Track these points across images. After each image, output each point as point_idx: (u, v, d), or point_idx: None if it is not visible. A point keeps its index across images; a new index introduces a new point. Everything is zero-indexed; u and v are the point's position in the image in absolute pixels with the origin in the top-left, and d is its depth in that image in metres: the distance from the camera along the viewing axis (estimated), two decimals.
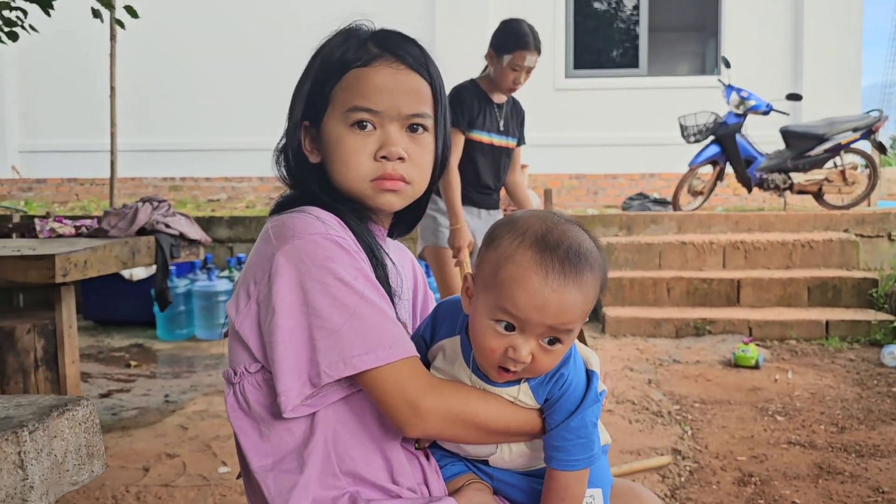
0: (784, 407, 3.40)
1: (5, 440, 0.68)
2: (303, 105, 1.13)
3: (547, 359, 0.98)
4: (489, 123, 3.24)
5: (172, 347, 4.98)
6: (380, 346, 0.97)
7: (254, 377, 1.04)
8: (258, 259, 1.04)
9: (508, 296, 0.95)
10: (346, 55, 1.09)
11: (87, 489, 2.53)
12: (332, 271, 0.98)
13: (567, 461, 1.01)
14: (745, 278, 5.11)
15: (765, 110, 6.37)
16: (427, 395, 0.99)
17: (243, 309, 1.03)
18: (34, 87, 8.90)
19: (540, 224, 0.98)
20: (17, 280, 2.65)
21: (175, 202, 7.94)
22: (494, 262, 0.98)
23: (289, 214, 1.05)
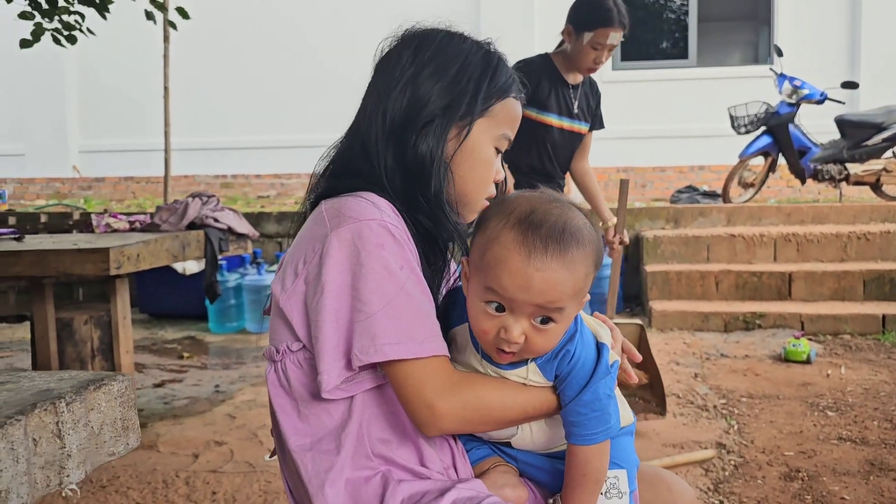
0: (835, 402, 3.32)
1: (45, 410, 0.73)
2: (468, 102, 1.13)
3: (541, 339, 0.98)
4: (560, 105, 2.92)
5: (223, 340, 5.11)
6: (411, 339, 0.98)
7: (295, 356, 1.05)
8: (309, 239, 1.05)
9: (494, 277, 0.96)
10: (508, 85, 1.16)
11: (140, 473, 2.63)
12: (380, 258, 0.99)
13: (584, 435, 1.02)
14: (797, 271, 4.99)
15: (819, 99, 6.19)
16: (443, 396, 0.99)
17: (290, 287, 1.05)
18: (93, 90, 9.21)
19: (526, 204, 0.99)
20: (75, 272, 2.76)
21: (226, 199, 8.14)
22: (482, 244, 0.99)
23: (344, 198, 1.06)
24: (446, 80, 1.11)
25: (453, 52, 1.14)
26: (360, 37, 8.79)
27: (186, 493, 2.47)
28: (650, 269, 5.21)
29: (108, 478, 2.59)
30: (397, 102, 1.11)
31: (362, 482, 1.04)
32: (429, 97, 1.11)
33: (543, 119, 2.88)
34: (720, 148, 7.47)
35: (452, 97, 1.11)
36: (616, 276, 3.29)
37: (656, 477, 1.20)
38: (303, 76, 8.67)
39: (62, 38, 4.26)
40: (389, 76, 1.13)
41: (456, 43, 1.15)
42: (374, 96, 1.15)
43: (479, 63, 1.14)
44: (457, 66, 1.12)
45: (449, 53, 1.13)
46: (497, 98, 1.13)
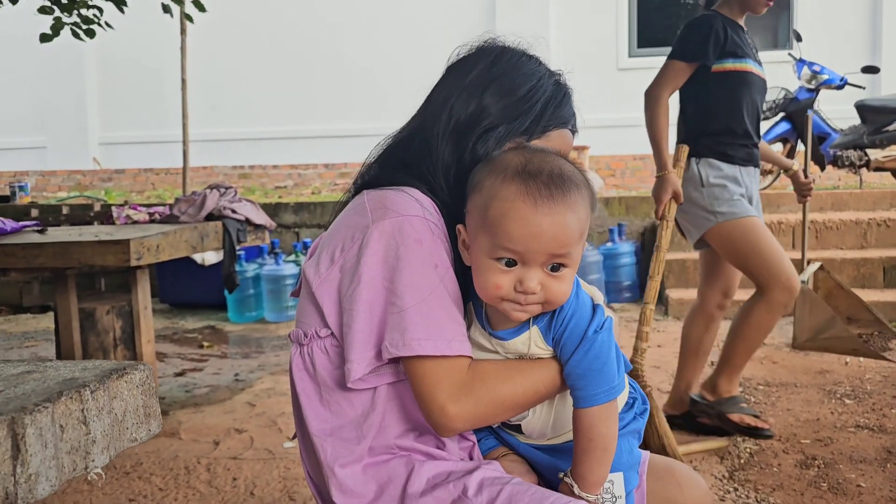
0: (854, 390, 3.30)
1: (70, 398, 0.76)
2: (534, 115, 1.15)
3: (558, 285, 0.98)
4: (748, 50, 2.67)
5: (242, 329, 5.18)
6: (440, 336, 0.99)
7: (323, 342, 1.07)
8: (349, 227, 1.06)
9: (504, 231, 0.96)
10: (567, 115, 1.18)
11: (163, 459, 2.69)
12: (418, 254, 1.01)
13: (586, 397, 1.02)
14: (816, 259, 4.94)
15: (839, 84, 6.11)
16: (456, 398, 1.00)
17: (324, 272, 1.06)
18: (112, 82, 9.31)
19: (518, 157, 1.00)
20: (96, 263, 2.81)
21: (244, 189, 8.20)
22: (482, 204, 0.99)
23: (387, 191, 1.07)
24: (516, 96, 1.14)
25: (527, 72, 1.17)
26: (378, 28, 8.81)
27: (208, 479, 2.52)
28: (667, 257, 5.18)
29: (131, 464, 2.65)
30: (465, 106, 1.13)
31: (383, 465, 1.07)
32: (496, 107, 1.13)
33: (744, 67, 2.64)
34: None
35: (519, 112, 1.13)
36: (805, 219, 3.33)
37: (666, 470, 1.20)
38: (320, 67, 8.70)
39: (81, 32, 4.31)
40: (461, 80, 1.16)
41: (532, 65, 1.18)
42: (442, 96, 1.16)
43: (549, 89, 1.17)
44: (528, 86, 1.15)
45: (523, 72, 1.16)
46: (556, 125, 1.16)
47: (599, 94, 8.22)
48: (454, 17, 8.25)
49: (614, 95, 8.19)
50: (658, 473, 1.18)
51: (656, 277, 2.63)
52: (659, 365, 3.77)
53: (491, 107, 1.12)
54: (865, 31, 7.85)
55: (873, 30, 7.81)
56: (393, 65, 8.33)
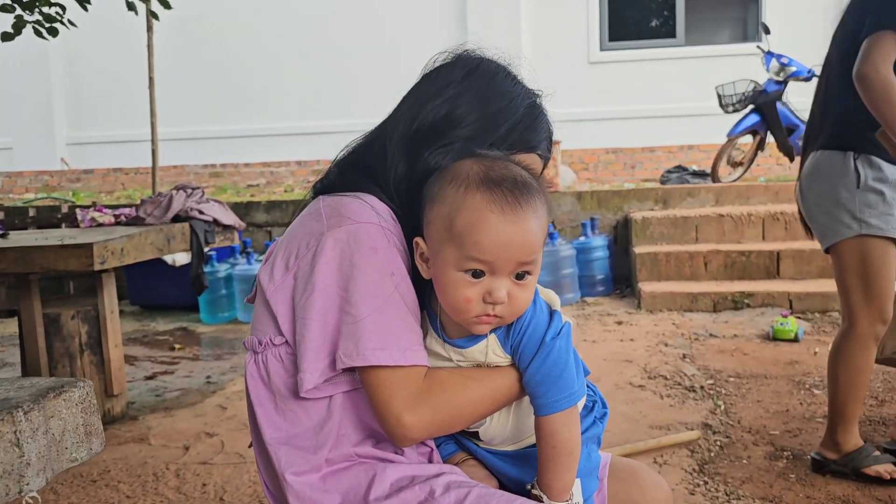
0: (822, 380, 3.34)
1: (1, 420, 0.74)
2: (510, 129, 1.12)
3: (523, 293, 0.98)
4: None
5: (214, 330, 5.12)
6: (395, 346, 0.98)
7: (277, 350, 1.05)
8: (304, 234, 1.05)
9: (472, 242, 0.94)
10: (539, 139, 1.15)
11: (131, 466, 2.65)
12: (372, 262, 0.99)
13: (546, 404, 1.01)
14: (785, 250, 5.01)
15: (807, 76, 6.18)
16: (412, 408, 0.98)
17: (278, 279, 1.04)
18: (79, 81, 9.15)
19: (477, 165, 0.99)
20: (59, 268, 2.76)
21: (216, 188, 8.11)
22: (446, 215, 0.97)
23: (343, 197, 1.06)
24: (485, 113, 1.10)
25: (502, 90, 1.13)
26: (349, 25, 8.74)
27: (177, 485, 2.49)
28: (639, 251, 5.22)
29: (98, 472, 2.61)
30: (430, 114, 1.10)
31: (343, 472, 1.05)
32: (461, 121, 1.09)
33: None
34: (710, 127, 7.48)
35: (484, 130, 1.10)
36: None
37: (628, 472, 1.20)
38: (291, 64, 8.62)
39: (43, 31, 4.23)
40: (432, 87, 1.13)
41: (507, 83, 1.14)
42: (410, 101, 1.14)
43: (522, 111, 1.13)
44: (500, 105, 1.11)
45: (497, 89, 1.13)
46: (522, 150, 1.12)
47: (571, 87, 8.24)
48: (424, 13, 8.21)
49: (586, 89, 8.23)
50: (620, 475, 1.18)
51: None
52: (631, 359, 3.79)
53: (456, 119, 1.09)
54: (832, 23, 7.91)
55: None
56: (365, 61, 8.28)
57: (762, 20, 7.78)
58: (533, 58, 7.89)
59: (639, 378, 3.46)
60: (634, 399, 3.17)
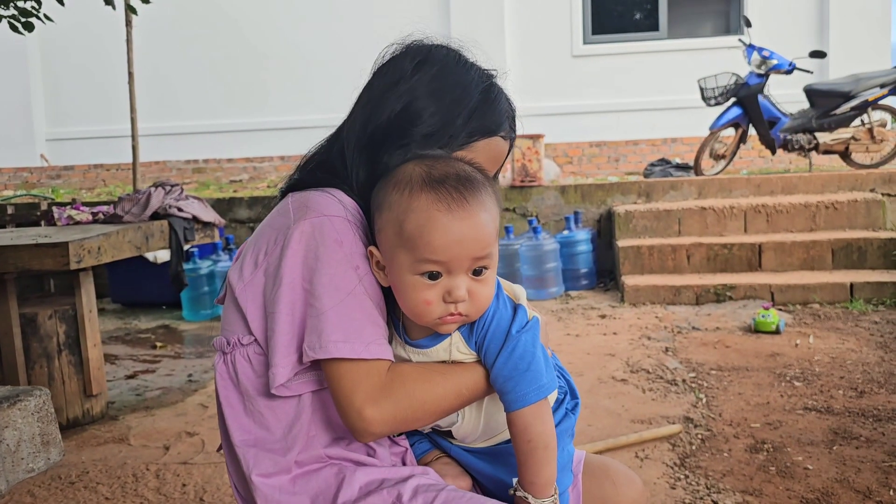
0: (803, 372, 3.36)
1: None
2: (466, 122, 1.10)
3: (483, 289, 0.97)
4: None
5: (197, 328, 5.08)
6: (358, 339, 0.97)
7: (245, 350, 1.04)
8: (272, 230, 1.04)
9: (424, 244, 0.93)
10: (500, 122, 1.13)
11: (110, 467, 2.62)
12: (337, 254, 0.99)
13: (516, 399, 0.99)
14: (766, 242, 5.03)
15: (787, 69, 6.20)
16: (374, 401, 0.97)
17: (248, 277, 1.04)
18: (58, 76, 9.03)
19: (418, 167, 0.98)
20: (34, 267, 2.72)
21: (198, 184, 8.04)
22: (394, 220, 0.96)
23: (311, 192, 1.05)
24: (440, 106, 1.08)
25: (455, 80, 1.11)
26: (332, 18, 8.68)
27: (156, 486, 2.47)
28: (622, 244, 5.23)
29: (76, 473, 2.58)
30: (384, 115, 1.08)
31: (313, 474, 1.04)
32: (417, 118, 1.07)
33: None
34: (693, 120, 7.50)
35: (440, 126, 1.08)
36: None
37: (601, 469, 1.20)
38: (274, 58, 8.56)
39: (19, 26, 4.16)
40: (384, 85, 1.11)
41: (460, 70, 1.12)
42: (363, 101, 1.12)
43: (477, 96, 1.11)
44: (453, 96, 1.09)
45: (450, 79, 1.11)
46: (481, 137, 1.11)
47: (555, 81, 8.25)
48: (409, 5, 8.17)
49: (570, 83, 8.23)
50: (593, 472, 1.18)
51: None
52: (614, 353, 3.79)
53: (412, 118, 1.08)
54: (813, 16, 7.98)
55: (820, 15, 7.95)
56: (348, 55, 8.23)
57: (744, 13, 7.80)
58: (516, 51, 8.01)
59: (621, 372, 3.46)
60: (617, 393, 3.18)
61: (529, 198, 5.94)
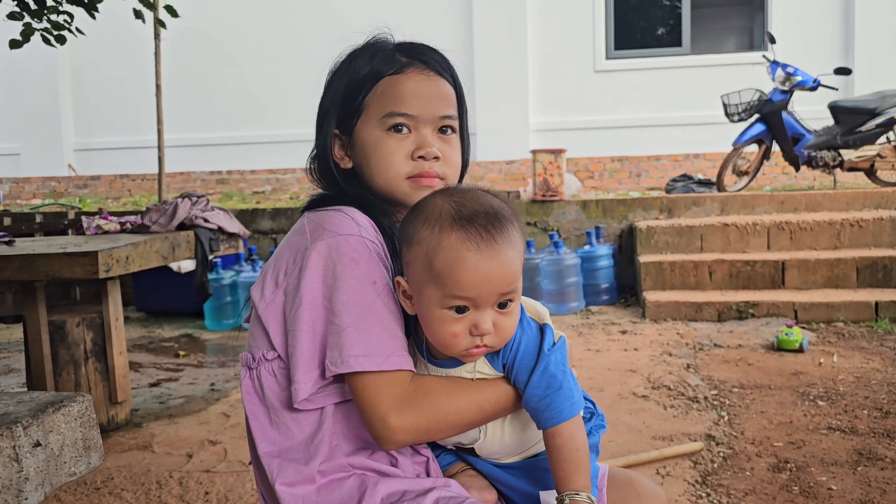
0: (826, 391, 3.33)
1: (1, 436, 0.74)
2: (336, 115, 1.18)
3: (508, 321, 1.00)
4: None
5: (219, 337, 5.13)
6: (379, 352, 1.00)
7: (270, 364, 1.08)
8: (290, 250, 1.08)
9: (453, 282, 0.96)
10: (376, 66, 1.15)
11: (134, 474, 2.65)
12: (354, 272, 1.02)
13: (555, 415, 1.01)
14: (790, 260, 5.00)
15: (812, 86, 6.17)
16: (398, 410, 1.00)
17: (269, 296, 1.07)
18: (87, 88, 9.21)
19: (447, 203, 1.00)
20: (64, 276, 2.77)
21: (222, 195, 8.14)
22: (424, 257, 0.99)
23: (325, 212, 1.09)
24: (325, 101, 1.19)
25: (336, 72, 1.20)
26: (355, 32, 8.75)
27: (180, 493, 2.49)
28: (644, 260, 5.21)
29: (102, 479, 2.61)
30: (318, 139, 1.19)
31: (336, 484, 1.06)
32: (318, 121, 1.19)
33: None
34: (715, 136, 7.48)
35: (325, 114, 1.18)
36: None
37: (626, 482, 1.21)
38: (297, 71, 8.65)
39: (51, 38, 4.26)
40: (323, 97, 1.21)
41: (342, 60, 1.21)
42: (318, 119, 1.22)
43: (343, 69, 1.19)
44: (333, 84, 1.19)
45: (334, 74, 1.20)
46: (362, 92, 1.16)
47: (577, 96, 8.27)
48: (430, 22, 8.24)
49: (592, 98, 8.24)
50: (618, 485, 1.19)
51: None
52: (635, 369, 3.78)
53: (322, 127, 1.19)
54: (838, 32, 7.94)
55: (846, 31, 7.91)
56: None
57: (768, 29, 7.78)
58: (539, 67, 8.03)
59: (642, 388, 3.45)
60: (638, 409, 3.17)
61: (551, 212, 5.94)
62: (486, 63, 8.26)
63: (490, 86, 8.26)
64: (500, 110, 8.21)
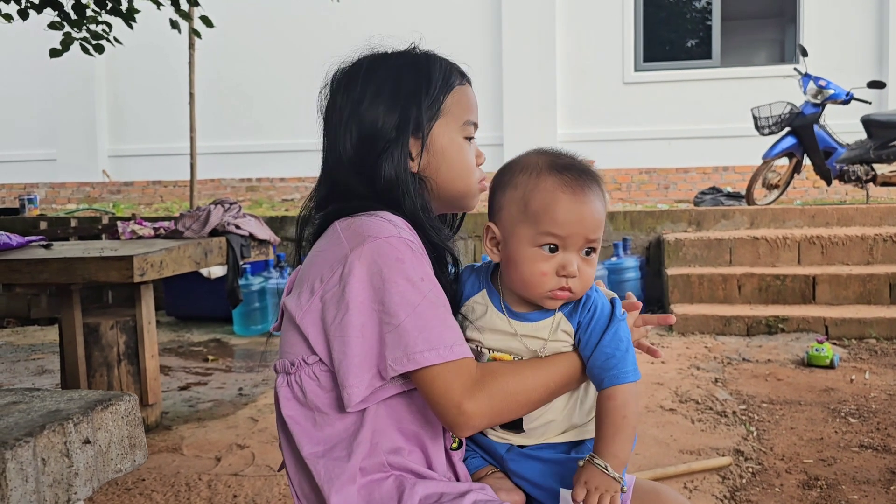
0: (858, 409, 3.28)
1: (53, 431, 0.77)
2: (406, 118, 1.16)
3: (590, 269, 1.09)
4: None
5: (248, 342, 5.19)
6: (441, 344, 1.03)
7: (311, 368, 1.09)
8: (326, 258, 1.08)
9: (549, 219, 1.06)
10: (449, 77, 1.20)
11: (164, 476, 2.69)
12: (401, 271, 1.03)
13: (619, 375, 1.07)
14: (821, 274, 4.93)
15: (845, 99, 6.10)
16: (470, 395, 1.03)
17: (305, 304, 1.08)
18: (122, 96, 9.39)
19: (543, 156, 1.12)
20: (100, 279, 2.83)
21: (252, 202, 8.24)
22: (520, 199, 1.09)
23: (359, 217, 1.10)
24: (385, 103, 1.16)
25: (383, 75, 1.18)
26: (384, 45, 8.83)
27: (208, 496, 2.53)
28: (671, 273, 5.18)
29: (132, 480, 2.66)
30: (347, 142, 1.17)
31: (376, 485, 1.08)
32: (374, 124, 1.15)
33: None
34: (745, 148, 7.41)
35: (398, 116, 1.15)
36: None
37: (653, 493, 1.21)
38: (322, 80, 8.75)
39: (90, 48, 4.37)
40: (333, 123, 1.20)
41: (381, 64, 1.20)
42: (326, 145, 1.22)
43: (409, 73, 1.18)
44: (390, 86, 1.17)
45: (378, 77, 1.18)
46: (442, 95, 1.18)
47: (605, 108, 8.25)
48: (461, 38, 8.28)
49: (620, 109, 8.22)
50: (645, 496, 1.19)
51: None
52: (662, 382, 3.75)
53: (369, 127, 1.15)
54: (871, 45, 7.84)
55: (879, 45, 7.81)
56: None
57: (799, 42, 7.71)
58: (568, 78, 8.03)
59: (670, 401, 3.43)
60: (665, 422, 3.14)
61: None
62: (514, 74, 8.29)
63: (518, 97, 8.28)
64: (529, 121, 8.22)
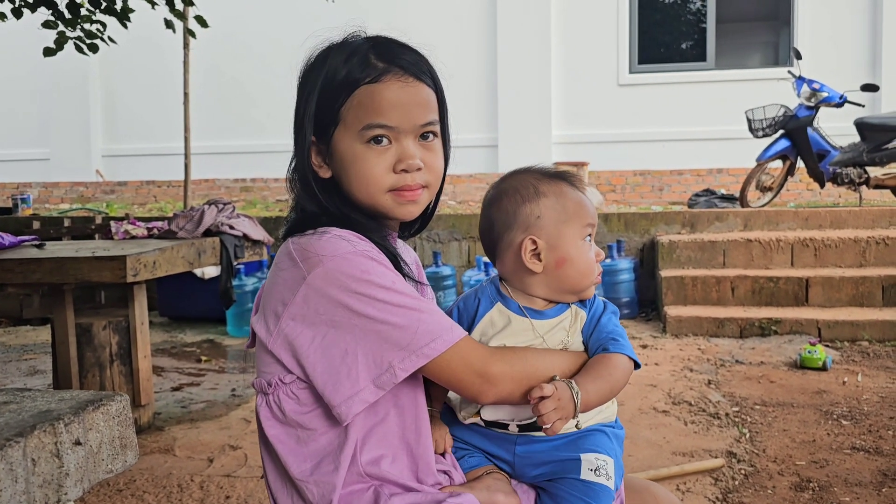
0: (850, 411, 3.29)
1: (44, 432, 0.77)
2: (312, 124, 1.13)
3: (598, 253, 1.23)
4: None
5: (241, 343, 5.18)
6: (442, 331, 1.03)
7: (288, 387, 1.07)
8: (284, 281, 1.05)
9: (583, 215, 1.17)
10: (352, 73, 1.09)
11: (156, 477, 2.68)
12: (372, 283, 1.02)
13: (621, 347, 1.14)
14: (814, 277, 4.95)
15: (838, 102, 6.13)
16: (492, 362, 1.06)
17: (273, 329, 1.06)
18: (116, 95, 9.37)
19: (532, 174, 1.20)
20: (93, 279, 2.82)
21: (246, 203, 8.22)
22: (553, 203, 1.16)
23: (309, 237, 1.06)
24: (298, 107, 1.13)
25: (315, 76, 1.13)
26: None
27: (200, 497, 2.52)
28: (665, 274, 5.19)
29: (124, 482, 2.65)
30: (296, 148, 1.15)
31: (355, 496, 1.07)
32: (300, 129, 1.13)
33: None
34: (739, 151, 7.44)
35: (296, 122, 1.13)
36: None
37: (644, 487, 1.22)
38: None
39: (84, 47, 4.35)
40: (297, 107, 1.17)
41: (317, 65, 1.14)
42: (294, 128, 1.18)
43: (315, 72, 1.13)
44: (305, 88, 1.13)
45: (312, 80, 1.13)
46: (339, 101, 1.10)
47: (600, 110, 8.27)
48: (457, 40, 8.28)
49: (615, 111, 8.23)
50: (637, 490, 1.20)
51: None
52: (655, 384, 3.76)
53: (302, 128, 1.12)
54: (865, 49, 7.87)
55: (873, 48, 7.84)
56: None
57: (794, 45, 7.74)
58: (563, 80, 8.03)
59: (663, 403, 3.43)
60: (658, 424, 3.15)
61: None
62: (509, 76, 8.29)
63: (513, 98, 8.29)
64: (524, 123, 8.23)
